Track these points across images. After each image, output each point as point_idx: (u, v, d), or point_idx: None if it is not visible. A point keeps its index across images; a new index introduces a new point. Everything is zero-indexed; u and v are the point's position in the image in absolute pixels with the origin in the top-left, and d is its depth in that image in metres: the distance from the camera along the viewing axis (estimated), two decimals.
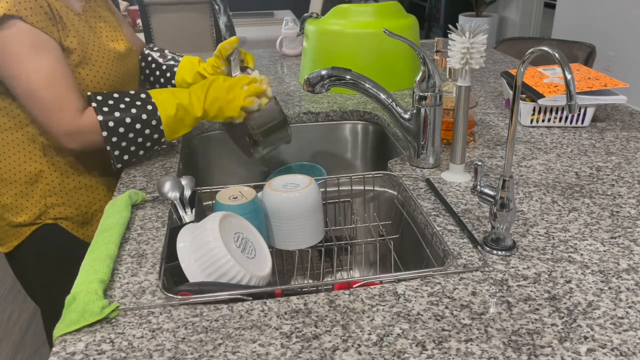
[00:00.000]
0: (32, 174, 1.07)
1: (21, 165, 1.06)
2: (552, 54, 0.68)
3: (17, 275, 1.17)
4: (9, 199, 1.07)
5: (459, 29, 0.91)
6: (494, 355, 0.59)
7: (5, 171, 1.06)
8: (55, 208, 1.09)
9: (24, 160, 1.06)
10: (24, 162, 1.06)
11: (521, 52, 2.14)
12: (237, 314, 0.66)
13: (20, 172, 1.06)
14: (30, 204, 1.08)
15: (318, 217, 0.92)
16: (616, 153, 1.09)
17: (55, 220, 1.10)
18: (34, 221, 1.09)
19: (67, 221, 1.11)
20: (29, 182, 1.07)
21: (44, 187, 1.08)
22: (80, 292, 0.68)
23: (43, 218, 1.09)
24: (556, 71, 1.33)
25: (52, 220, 1.10)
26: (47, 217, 1.09)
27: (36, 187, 1.07)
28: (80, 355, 0.60)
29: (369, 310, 0.66)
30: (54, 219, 1.10)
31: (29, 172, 1.06)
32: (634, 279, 0.71)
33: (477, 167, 0.80)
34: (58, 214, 1.10)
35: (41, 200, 1.08)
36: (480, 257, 0.76)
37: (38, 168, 1.07)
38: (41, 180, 1.07)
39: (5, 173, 1.06)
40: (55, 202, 1.09)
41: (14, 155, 1.05)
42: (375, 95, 1.03)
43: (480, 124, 1.27)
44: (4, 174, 1.06)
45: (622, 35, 3.90)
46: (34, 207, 1.08)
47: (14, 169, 1.06)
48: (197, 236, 0.74)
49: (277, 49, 2.05)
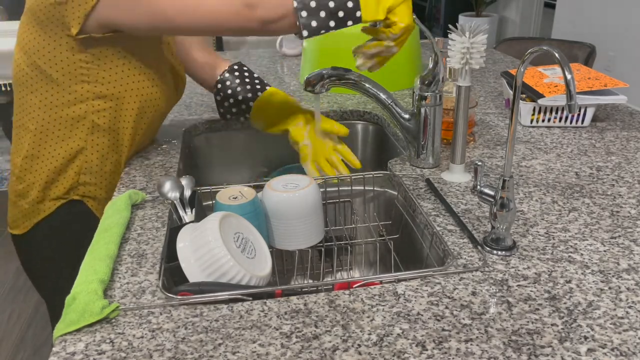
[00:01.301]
0: (73, 150, 1.05)
1: (64, 141, 1.04)
2: (552, 54, 0.68)
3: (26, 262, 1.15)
4: (41, 175, 1.05)
5: (459, 29, 0.91)
6: (494, 355, 0.59)
7: (47, 147, 1.04)
8: (86, 186, 1.08)
9: (68, 136, 1.04)
10: (68, 137, 1.04)
11: (521, 52, 2.14)
12: (237, 314, 0.66)
13: (62, 148, 1.04)
14: (63, 179, 1.06)
15: (318, 217, 0.92)
16: (616, 153, 1.09)
17: (83, 197, 1.09)
18: (63, 195, 1.07)
19: (93, 201, 1.10)
20: (67, 158, 1.05)
21: (80, 165, 1.06)
22: (80, 292, 0.68)
23: (71, 193, 1.07)
24: (556, 71, 1.33)
25: (80, 197, 1.09)
26: (75, 193, 1.08)
27: (73, 164, 1.06)
28: (80, 355, 0.60)
29: (369, 310, 0.66)
30: (82, 195, 1.09)
31: (70, 149, 1.04)
32: (634, 279, 0.71)
33: (477, 167, 0.80)
34: (87, 192, 1.08)
35: (75, 177, 1.06)
36: (480, 257, 0.76)
37: (81, 145, 1.05)
38: (80, 157, 1.05)
39: (45, 149, 1.04)
40: (88, 181, 1.07)
41: (58, 132, 1.03)
42: (375, 95, 1.03)
43: (480, 124, 1.27)
44: (44, 150, 1.04)
45: (622, 35, 3.90)
46: (66, 181, 1.06)
47: (56, 144, 1.04)
48: (197, 236, 0.74)
49: (277, 49, 2.05)
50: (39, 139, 1.04)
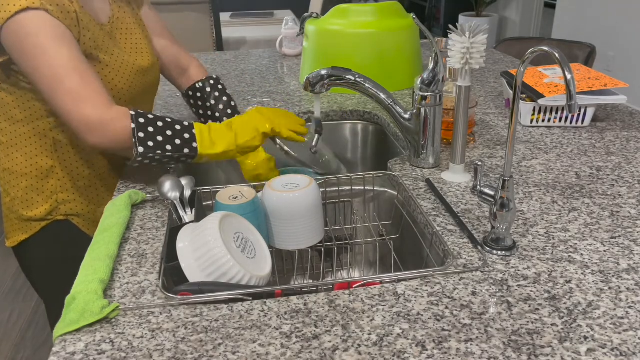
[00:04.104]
0: (44, 168, 1.06)
1: (32, 158, 1.05)
2: (552, 54, 0.68)
3: (24, 269, 1.17)
4: (19, 192, 1.07)
5: (459, 29, 0.91)
6: (494, 355, 0.59)
7: (17, 163, 1.06)
8: (66, 204, 1.09)
9: (35, 154, 1.05)
10: (35, 155, 1.05)
11: (521, 52, 2.14)
12: (237, 314, 0.66)
13: (32, 166, 1.06)
14: (41, 199, 1.08)
15: (318, 217, 0.92)
16: (616, 153, 1.09)
17: (67, 216, 1.10)
18: (45, 217, 1.09)
19: (78, 218, 1.11)
20: (40, 177, 1.06)
21: (55, 183, 1.07)
22: (80, 292, 0.68)
23: (54, 214, 1.09)
24: (556, 71, 1.33)
25: (63, 217, 1.10)
26: (58, 214, 1.09)
27: (47, 183, 1.07)
28: (80, 355, 0.60)
29: (369, 310, 0.66)
30: (65, 215, 1.10)
31: (40, 167, 1.06)
32: (634, 279, 0.71)
33: (477, 167, 0.80)
34: (69, 211, 1.10)
35: (52, 196, 1.08)
36: (480, 257, 0.76)
37: (49, 163, 1.06)
38: (52, 175, 1.07)
39: (16, 165, 1.06)
40: (66, 199, 1.09)
41: (25, 148, 1.05)
42: (375, 95, 1.03)
43: (480, 124, 1.27)
44: (15, 167, 1.06)
45: (622, 35, 3.90)
46: (45, 202, 1.08)
47: (25, 162, 1.05)
48: (197, 236, 0.74)
49: (277, 49, 2.05)
50: (11, 152, 1.05)
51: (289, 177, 0.93)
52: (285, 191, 0.89)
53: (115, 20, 1.10)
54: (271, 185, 0.91)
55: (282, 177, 0.93)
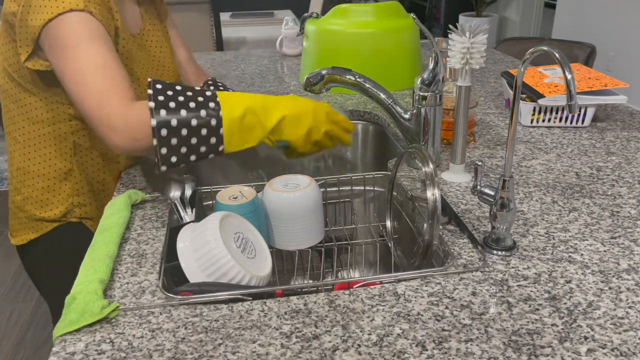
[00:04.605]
0: (62, 171, 1.06)
1: (51, 160, 1.05)
2: (552, 54, 0.68)
3: (27, 268, 1.16)
4: (34, 192, 1.06)
5: (459, 29, 0.91)
6: (494, 355, 0.59)
7: (35, 163, 1.05)
8: (81, 207, 1.09)
9: (54, 155, 1.05)
10: (54, 157, 1.05)
11: (521, 52, 2.14)
12: (237, 314, 0.66)
13: (50, 167, 1.05)
14: (56, 201, 1.07)
15: (318, 217, 0.92)
16: (616, 153, 1.09)
17: (80, 219, 1.10)
18: (59, 218, 1.08)
19: (91, 221, 1.11)
20: (58, 179, 1.06)
21: (72, 186, 1.07)
22: (80, 292, 0.68)
23: (69, 216, 1.09)
24: (556, 71, 1.33)
25: (77, 219, 1.10)
26: (72, 216, 1.09)
27: (64, 185, 1.07)
28: (80, 355, 0.60)
29: (369, 310, 0.66)
30: (79, 218, 1.10)
31: (59, 169, 1.06)
32: (634, 279, 0.71)
33: (477, 167, 0.80)
34: (84, 214, 1.10)
35: (68, 199, 1.08)
36: (481, 257, 0.76)
37: (67, 166, 1.06)
38: (70, 179, 1.07)
39: (32, 165, 1.05)
40: (82, 202, 1.09)
41: (44, 149, 1.04)
42: (375, 95, 1.03)
43: (480, 124, 1.27)
44: (32, 167, 1.05)
45: (622, 35, 3.90)
46: (60, 204, 1.07)
47: (44, 162, 1.05)
48: (197, 236, 0.74)
49: (277, 49, 2.05)
50: (28, 152, 1.05)
51: (290, 177, 0.93)
52: (285, 191, 0.89)
53: (146, 32, 1.10)
54: (271, 185, 0.91)
55: (282, 176, 0.93)
